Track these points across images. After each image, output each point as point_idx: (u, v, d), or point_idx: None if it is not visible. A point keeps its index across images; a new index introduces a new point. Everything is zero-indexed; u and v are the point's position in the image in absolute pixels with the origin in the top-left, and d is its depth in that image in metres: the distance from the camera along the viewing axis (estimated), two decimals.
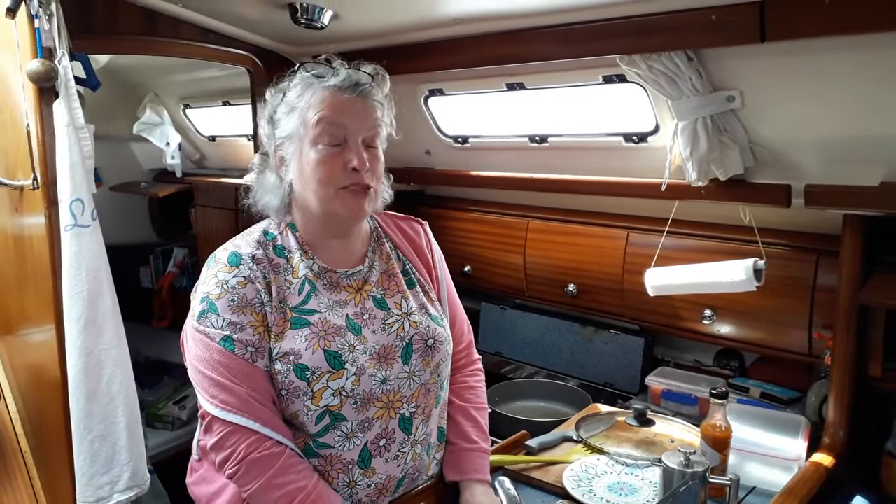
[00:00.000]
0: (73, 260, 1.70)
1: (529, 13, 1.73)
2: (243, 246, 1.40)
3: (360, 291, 1.46)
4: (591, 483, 1.61)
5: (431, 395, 1.47)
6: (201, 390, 1.33)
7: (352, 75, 1.39)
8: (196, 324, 1.34)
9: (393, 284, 1.50)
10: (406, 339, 1.44)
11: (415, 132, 2.47)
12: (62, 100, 1.67)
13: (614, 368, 2.43)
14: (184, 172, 3.41)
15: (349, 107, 1.37)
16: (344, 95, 1.37)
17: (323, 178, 1.36)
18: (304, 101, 1.38)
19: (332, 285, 1.43)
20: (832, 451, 1.69)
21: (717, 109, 1.67)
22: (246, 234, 1.46)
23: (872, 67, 1.43)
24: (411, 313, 1.47)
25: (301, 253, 1.43)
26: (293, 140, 1.40)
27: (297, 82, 1.40)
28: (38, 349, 1.90)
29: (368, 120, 1.39)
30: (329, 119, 1.35)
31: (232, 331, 1.32)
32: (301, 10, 1.84)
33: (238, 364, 1.31)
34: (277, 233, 1.45)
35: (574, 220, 2.43)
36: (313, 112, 1.36)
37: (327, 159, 1.36)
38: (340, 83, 1.37)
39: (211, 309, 1.33)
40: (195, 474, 1.51)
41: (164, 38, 2.10)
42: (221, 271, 1.36)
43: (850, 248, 1.70)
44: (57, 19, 1.64)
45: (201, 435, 1.46)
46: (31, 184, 1.72)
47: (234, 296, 1.33)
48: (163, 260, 3.67)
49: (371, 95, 1.40)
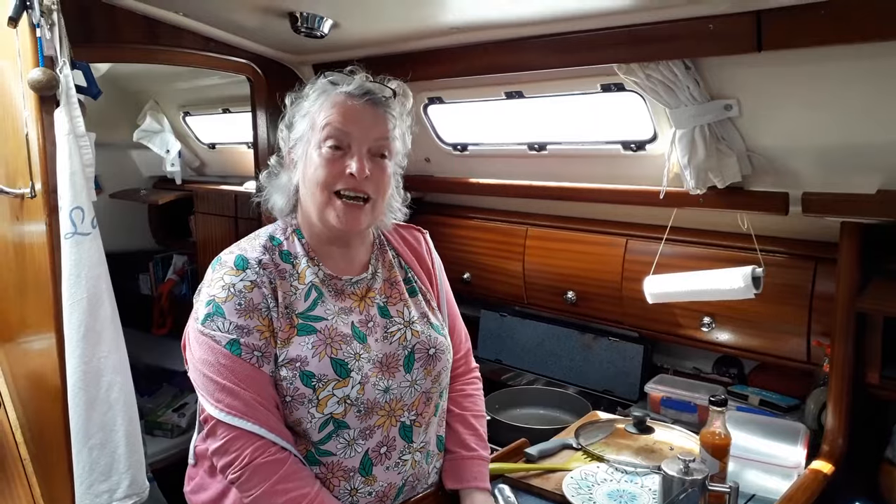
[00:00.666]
0: (73, 268, 1.70)
1: (528, 22, 1.74)
2: (249, 250, 1.40)
3: (365, 299, 1.46)
4: (590, 491, 1.61)
5: (432, 403, 1.48)
6: (205, 394, 1.32)
7: (365, 83, 1.40)
8: (201, 327, 1.33)
9: (395, 292, 1.51)
10: (408, 348, 1.44)
11: (414, 140, 2.45)
12: (63, 108, 1.68)
13: (613, 376, 2.43)
14: (183, 180, 3.42)
15: (358, 113, 1.38)
16: (355, 102, 1.38)
17: (320, 180, 1.36)
18: (317, 105, 1.39)
19: (338, 292, 1.44)
20: (831, 458, 1.69)
21: (714, 118, 1.68)
22: (251, 238, 1.46)
23: (868, 76, 1.44)
24: (413, 322, 1.48)
25: (307, 259, 1.43)
26: (302, 142, 1.41)
27: (315, 88, 1.42)
28: (38, 357, 1.90)
29: (377, 129, 1.39)
30: (335, 122, 1.36)
31: (238, 334, 1.31)
32: (301, 18, 1.85)
33: (244, 368, 1.30)
34: (283, 238, 1.45)
35: (573, 228, 2.43)
36: (321, 114, 1.38)
37: (327, 162, 1.36)
38: (353, 90, 1.38)
39: (217, 312, 1.32)
40: (192, 482, 1.50)
41: (165, 47, 2.11)
42: (228, 274, 1.35)
43: (848, 256, 1.70)
44: (58, 28, 1.65)
45: (200, 440, 1.46)
46: (30, 192, 1.72)
47: (241, 299, 1.33)
48: (162, 267, 3.67)
49: (384, 106, 1.41)
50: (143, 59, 2.19)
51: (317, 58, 2.35)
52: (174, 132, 3.36)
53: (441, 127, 2.42)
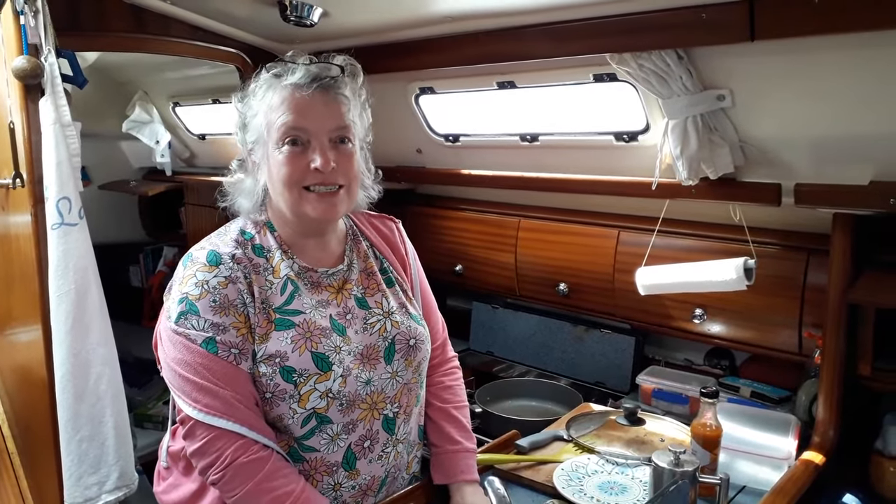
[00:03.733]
0: (59, 259, 1.69)
1: (520, 11, 1.72)
2: (221, 245, 1.36)
3: (342, 291, 1.44)
4: (581, 482, 1.61)
5: (413, 394, 1.47)
6: (182, 395, 1.29)
7: (310, 70, 1.34)
8: (175, 325, 1.30)
9: (373, 283, 1.49)
10: (388, 340, 1.43)
11: (405, 130, 2.46)
12: (48, 97, 1.66)
13: (605, 367, 2.43)
14: (173, 171, 3.39)
15: (310, 106, 1.33)
16: (304, 92, 1.33)
17: (287, 179, 1.34)
18: (266, 102, 1.35)
19: (314, 285, 1.42)
20: (822, 449, 1.69)
21: (707, 108, 1.67)
22: (221, 232, 1.43)
23: (862, 66, 1.43)
24: (392, 312, 1.47)
25: (281, 252, 1.40)
26: (260, 144, 1.38)
27: (260, 84, 1.38)
28: (25, 349, 1.88)
29: (332, 116, 1.35)
30: (289, 122, 1.32)
31: (214, 332, 1.28)
32: (290, 7, 1.83)
33: (221, 366, 1.28)
34: (255, 232, 1.42)
35: (565, 220, 2.42)
36: (274, 114, 1.34)
37: (290, 160, 1.33)
38: (298, 80, 1.33)
39: (191, 310, 1.29)
40: (164, 483, 1.47)
41: (153, 36, 2.08)
42: (201, 271, 1.32)
43: (840, 247, 1.70)
44: (43, 16, 1.63)
45: (172, 440, 1.45)
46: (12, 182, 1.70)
47: (216, 296, 1.30)
48: (153, 259, 3.65)
49: (335, 89, 1.36)
50: (131, 48, 2.16)
51: (306, 47, 2.31)
52: (164, 123, 3.33)
53: (433, 118, 2.40)
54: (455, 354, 1.70)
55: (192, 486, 1.39)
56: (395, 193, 2.51)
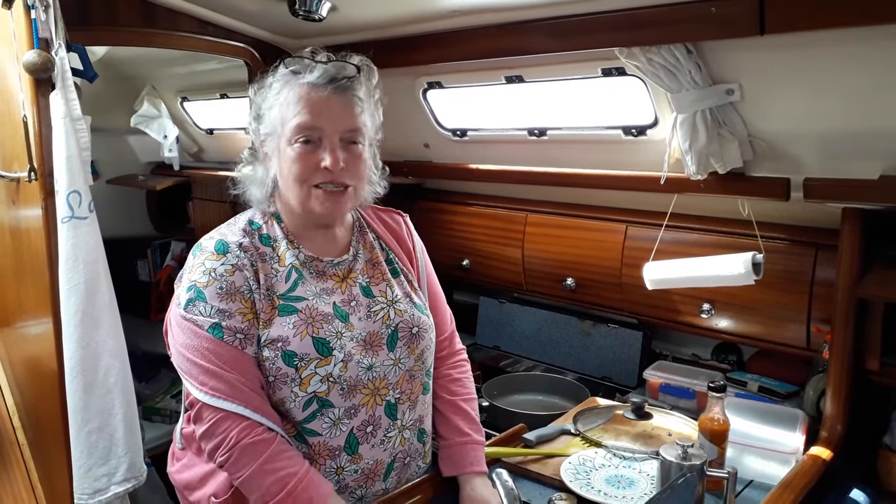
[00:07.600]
0: (70, 252, 1.69)
1: (528, 5, 1.72)
2: (229, 234, 1.42)
3: (347, 279, 1.47)
4: (588, 476, 1.61)
5: (416, 381, 1.48)
6: (190, 378, 1.33)
7: (328, 70, 1.37)
8: (183, 312, 1.34)
9: (378, 273, 1.51)
10: (391, 327, 1.45)
11: (413, 125, 2.46)
12: (59, 91, 1.66)
13: (612, 362, 2.43)
14: (181, 165, 3.40)
15: (325, 105, 1.36)
16: (320, 92, 1.36)
17: (297, 176, 1.37)
18: (282, 98, 1.38)
19: (319, 273, 1.45)
20: (830, 444, 1.69)
21: (716, 102, 1.66)
22: (230, 223, 1.47)
23: (871, 60, 1.42)
24: (397, 301, 1.49)
25: (287, 242, 1.44)
26: (273, 136, 1.41)
27: (277, 79, 1.41)
28: (35, 342, 1.89)
29: (345, 117, 1.38)
30: (303, 120, 1.36)
31: (220, 318, 1.33)
32: (299, 1, 1.83)
33: (227, 351, 1.32)
34: (262, 223, 1.46)
35: (573, 214, 2.42)
36: (289, 110, 1.37)
37: (301, 157, 1.37)
38: (316, 80, 1.37)
39: (199, 297, 1.34)
40: (178, 463, 1.52)
41: (162, 31, 2.09)
42: (209, 259, 1.37)
43: (849, 242, 1.70)
44: (53, 10, 1.63)
45: (186, 423, 1.48)
46: (27, 175, 1.71)
47: (223, 283, 1.34)
48: (161, 253, 3.66)
49: (351, 90, 1.39)
50: (140, 43, 2.17)
51: (315, 42, 2.32)
52: (172, 117, 3.34)
53: (440, 112, 2.40)
54: (463, 347, 1.71)
55: (204, 468, 1.43)
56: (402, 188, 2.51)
